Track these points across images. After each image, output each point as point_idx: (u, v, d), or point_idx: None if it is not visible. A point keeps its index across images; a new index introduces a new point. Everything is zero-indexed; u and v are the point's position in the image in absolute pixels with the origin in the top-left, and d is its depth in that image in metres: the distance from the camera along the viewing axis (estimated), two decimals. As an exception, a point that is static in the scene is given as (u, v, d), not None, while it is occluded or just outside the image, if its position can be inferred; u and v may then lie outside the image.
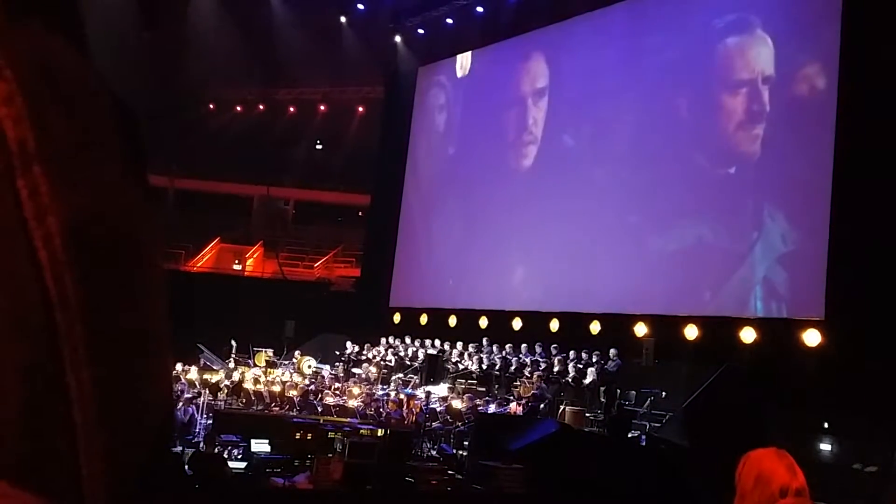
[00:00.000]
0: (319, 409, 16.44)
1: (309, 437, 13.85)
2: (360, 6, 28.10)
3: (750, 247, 15.63)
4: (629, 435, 13.52)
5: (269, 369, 19.46)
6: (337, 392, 17.93)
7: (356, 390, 17.92)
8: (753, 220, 15.72)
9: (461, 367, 18.59)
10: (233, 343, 20.47)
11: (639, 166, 18.07)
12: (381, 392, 18.06)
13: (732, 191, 16.27)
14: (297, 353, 21.15)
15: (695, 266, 16.57)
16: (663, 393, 14.72)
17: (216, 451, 12.50)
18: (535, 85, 21.44)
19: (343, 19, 29.49)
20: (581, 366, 16.11)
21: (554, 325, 18.70)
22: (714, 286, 16.27)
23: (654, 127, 17.96)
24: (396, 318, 23.59)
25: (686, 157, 17.26)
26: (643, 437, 13.76)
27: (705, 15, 17.60)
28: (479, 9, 23.33)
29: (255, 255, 30.72)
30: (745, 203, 15.97)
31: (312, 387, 18.08)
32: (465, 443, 14.77)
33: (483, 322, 20.50)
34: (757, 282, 15.50)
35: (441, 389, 17.32)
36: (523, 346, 18.03)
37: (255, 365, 19.80)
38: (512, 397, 16.37)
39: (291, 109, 34.46)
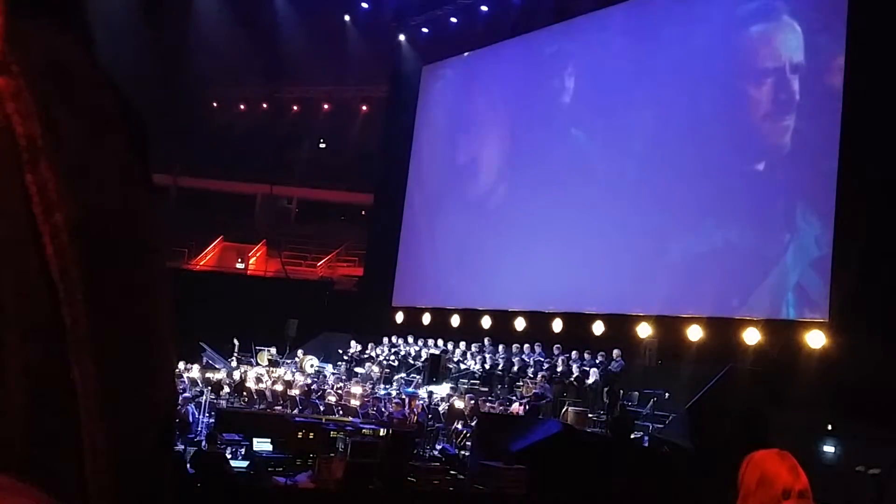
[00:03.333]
0: (321, 409, 16.45)
1: (311, 437, 13.86)
2: (365, 5, 28.14)
3: (780, 249, 15.01)
4: (632, 436, 13.51)
5: (271, 368, 19.48)
6: (339, 391, 17.94)
7: (358, 390, 17.93)
8: (784, 220, 15.06)
9: (463, 366, 18.59)
10: (235, 342, 20.52)
11: (656, 163, 17.77)
12: (383, 391, 18.07)
13: (760, 188, 15.61)
14: (299, 352, 21.17)
15: (717, 268, 16.08)
16: (666, 394, 14.71)
17: (218, 449, 12.50)
18: (546, 82, 21.36)
19: (347, 18, 29.52)
20: (586, 367, 16.09)
21: (557, 325, 18.69)
22: (743, 290, 15.63)
23: (673, 122, 17.58)
24: (399, 317, 23.60)
25: (709, 153, 16.67)
26: (646, 438, 13.75)
27: (727, 1, 17.23)
28: (484, 7, 23.33)
29: (257, 254, 30.76)
30: (774, 201, 15.30)
31: (315, 386, 18.09)
32: (468, 443, 14.76)
33: (486, 322, 20.49)
34: (789, 288, 14.93)
35: (443, 389, 17.33)
36: (526, 346, 18.03)
37: (258, 363, 19.83)
38: (514, 397, 16.36)
39: (295, 108, 34.49)
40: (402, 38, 26.31)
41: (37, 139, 0.42)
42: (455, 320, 21.49)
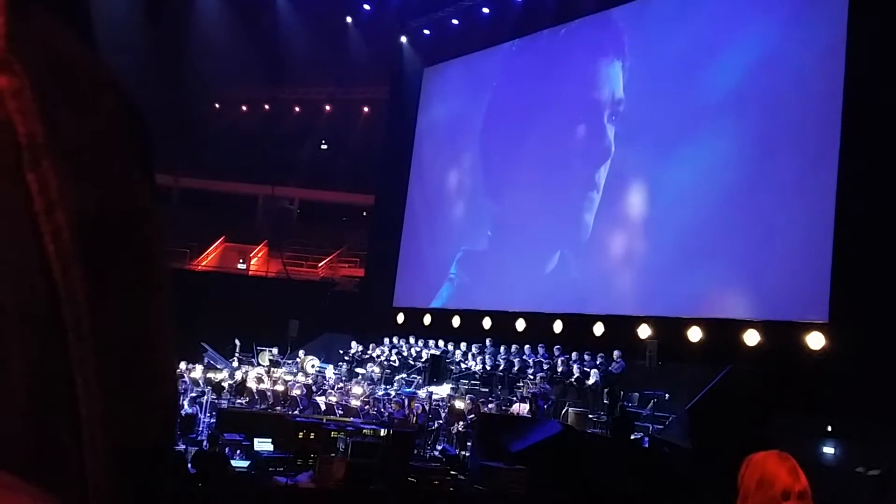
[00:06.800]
0: (322, 409, 16.44)
1: (312, 437, 13.83)
2: (366, 6, 28.15)
3: (780, 250, 14.98)
4: (632, 437, 13.50)
5: (272, 368, 19.48)
6: (340, 391, 17.93)
7: (359, 390, 17.93)
8: (784, 221, 15.04)
9: (464, 367, 18.59)
10: (237, 342, 20.52)
11: (656, 164, 17.81)
12: (383, 392, 18.06)
13: (759, 189, 15.60)
14: (300, 352, 21.16)
15: (717, 270, 16.07)
16: (666, 395, 14.70)
17: (219, 449, 12.50)
18: (542, 85, 21.37)
19: (349, 20, 29.53)
20: (586, 368, 16.08)
21: (557, 326, 18.68)
22: (743, 291, 15.59)
23: (674, 122, 17.57)
24: (400, 318, 23.59)
25: (709, 154, 16.69)
26: (646, 439, 13.74)
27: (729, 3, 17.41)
28: (485, 10, 23.33)
29: (259, 255, 30.75)
30: (773, 202, 15.28)
31: (315, 386, 18.09)
32: (468, 443, 14.76)
33: (486, 323, 20.49)
34: (788, 289, 14.83)
35: (444, 390, 17.32)
36: (526, 346, 18.02)
37: (259, 364, 19.83)
38: (515, 398, 16.35)
39: (297, 109, 34.47)
40: (403, 39, 26.31)
41: (38, 138, 0.42)
42: (456, 321, 21.49)
